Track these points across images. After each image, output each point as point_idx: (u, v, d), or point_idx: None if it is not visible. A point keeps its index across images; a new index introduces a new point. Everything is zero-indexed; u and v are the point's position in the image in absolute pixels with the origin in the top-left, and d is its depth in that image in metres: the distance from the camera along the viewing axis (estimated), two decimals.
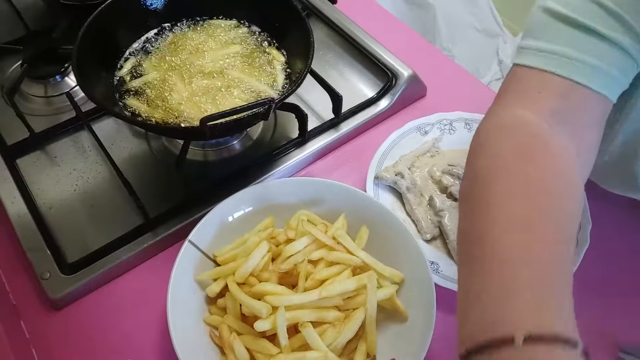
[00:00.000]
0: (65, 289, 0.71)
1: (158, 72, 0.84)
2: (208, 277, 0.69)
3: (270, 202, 0.76)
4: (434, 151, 0.89)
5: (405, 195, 0.82)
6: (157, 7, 0.90)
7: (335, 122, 0.91)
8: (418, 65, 0.99)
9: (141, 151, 0.88)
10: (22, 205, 0.78)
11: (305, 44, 0.80)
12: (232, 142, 0.89)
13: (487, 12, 2.16)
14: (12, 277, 0.75)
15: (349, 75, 1.01)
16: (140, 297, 0.74)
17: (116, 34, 0.86)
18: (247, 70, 0.86)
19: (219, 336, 0.64)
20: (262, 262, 0.67)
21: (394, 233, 0.72)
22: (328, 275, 0.67)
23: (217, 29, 0.91)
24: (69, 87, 0.96)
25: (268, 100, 0.69)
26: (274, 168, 0.85)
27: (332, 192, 0.76)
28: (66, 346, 0.70)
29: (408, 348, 0.64)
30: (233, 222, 0.74)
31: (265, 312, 0.61)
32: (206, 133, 0.68)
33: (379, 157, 0.86)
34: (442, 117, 0.92)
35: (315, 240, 0.69)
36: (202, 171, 0.87)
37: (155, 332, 0.70)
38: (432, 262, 0.75)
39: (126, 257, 0.74)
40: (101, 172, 0.85)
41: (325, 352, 0.61)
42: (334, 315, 0.64)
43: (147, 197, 0.78)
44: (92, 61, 0.79)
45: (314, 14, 1.09)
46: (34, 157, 0.86)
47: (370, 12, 1.17)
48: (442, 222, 0.79)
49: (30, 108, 0.92)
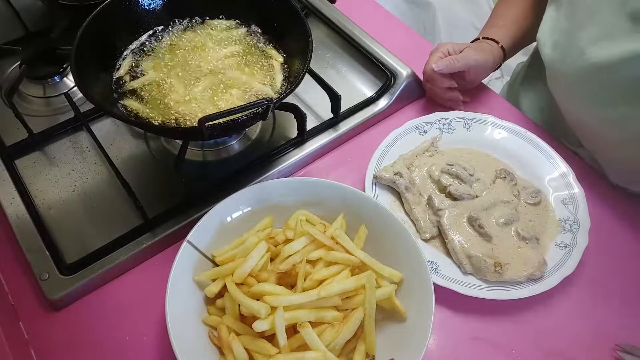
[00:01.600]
0: (64, 290, 0.71)
1: (157, 73, 0.84)
2: (207, 278, 0.69)
3: (268, 202, 0.76)
4: (432, 150, 0.89)
5: (404, 195, 0.82)
6: (156, 7, 0.90)
7: (334, 122, 0.91)
8: (417, 64, 0.99)
9: (140, 152, 0.88)
10: (21, 206, 0.78)
11: (303, 43, 0.80)
12: (230, 142, 0.89)
13: (487, 11, 2.15)
14: (11, 277, 0.75)
15: (348, 75, 1.01)
16: (139, 297, 0.73)
17: (115, 35, 0.86)
18: (246, 70, 0.86)
19: (218, 336, 0.64)
20: (261, 263, 0.67)
21: (392, 233, 0.72)
22: (327, 275, 0.66)
23: (215, 29, 0.91)
24: (68, 87, 0.96)
25: (266, 100, 0.69)
26: (272, 168, 0.85)
27: (331, 192, 0.76)
28: (65, 347, 0.70)
29: (407, 347, 0.64)
30: (232, 222, 0.74)
31: (264, 313, 0.61)
32: (204, 133, 0.68)
33: (377, 157, 0.86)
34: (441, 116, 0.92)
35: (314, 240, 0.69)
36: (201, 171, 0.87)
37: (154, 332, 0.70)
38: (431, 262, 0.75)
39: (125, 257, 0.74)
40: (100, 173, 0.85)
41: (324, 352, 0.61)
42: (333, 315, 0.64)
43: (146, 197, 0.78)
44: (90, 62, 0.79)
45: (313, 14, 1.09)
46: (33, 157, 0.86)
47: (370, 12, 1.17)
48: (441, 221, 0.78)
49: (28, 109, 0.92)
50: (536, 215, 0.81)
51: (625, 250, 0.81)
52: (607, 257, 0.80)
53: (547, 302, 0.75)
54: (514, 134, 0.90)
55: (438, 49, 0.94)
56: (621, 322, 0.74)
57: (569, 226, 0.80)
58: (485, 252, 0.75)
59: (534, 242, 0.78)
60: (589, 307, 0.76)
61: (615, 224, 0.83)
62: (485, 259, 0.74)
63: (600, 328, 0.74)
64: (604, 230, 0.81)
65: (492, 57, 0.94)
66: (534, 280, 0.73)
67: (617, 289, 0.77)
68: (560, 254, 0.76)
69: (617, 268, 0.79)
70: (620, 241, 0.82)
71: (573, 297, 0.76)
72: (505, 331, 0.73)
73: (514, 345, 0.72)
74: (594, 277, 0.78)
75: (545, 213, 0.82)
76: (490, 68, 0.95)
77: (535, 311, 0.74)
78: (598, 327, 0.74)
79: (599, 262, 0.79)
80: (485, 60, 0.92)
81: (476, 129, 0.91)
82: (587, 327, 0.74)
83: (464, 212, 0.79)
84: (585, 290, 0.77)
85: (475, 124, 0.92)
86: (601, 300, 0.76)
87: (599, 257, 0.80)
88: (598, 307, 0.76)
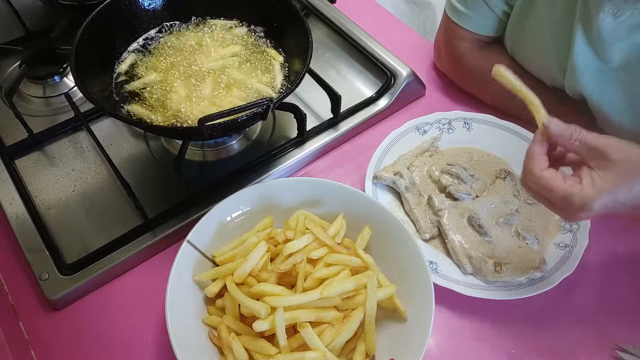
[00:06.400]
0: (64, 290, 0.71)
1: (157, 73, 0.84)
2: (207, 278, 0.69)
3: (268, 202, 0.76)
4: (432, 150, 0.89)
5: (404, 195, 0.82)
6: (156, 7, 0.90)
7: (334, 122, 0.91)
8: (417, 64, 0.99)
9: (140, 151, 0.88)
10: (21, 205, 0.78)
11: (303, 43, 0.80)
12: (230, 142, 0.89)
13: None
14: (11, 277, 0.75)
15: (348, 75, 1.01)
16: (139, 297, 0.73)
17: (115, 34, 0.86)
18: (246, 70, 0.86)
19: (218, 336, 0.64)
20: (261, 263, 0.67)
21: (392, 233, 0.72)
22: (327, 274, 0.66)
23: (215, 29, 0.91)
24: (68, 87, 0.96)
25: (266, 100, 0.69)
26: (272, 168, 0.85)
27: (331, 192, 0.76)
28: (65, 347, 0.70)
29: (407, 347, 0.64)
30: (232, 222, 0.74)
31: (264, 313, 0.61)
32: (204, 133, 0.68)
33: (377, 157, 0.85)
34: (441, 116, 0.92)
35: (316, 239, 0.69)
36: (201, 171, 0.87)
37: (154, 332, 0.70)
38: (431, 262, 0.75)
39: (125, 257, 0.74)
40: (100, 173, 0.85)
41: (324, 352, 0.61)
42: (333, 316, 0.64)
43: (146, 197, 0.78)
44: (90, 62, 0.79)
45: (313, 14, 1.08)
46: (33, 157, 0.86)
47: (370, 12, 1.17)
48: (441, 221, 0.78)
49: (28, 109, 0.92)
50: (536, 215, 0.81)
51: (625, 250, 0.81)
52: (607, 257, 0.80)
53: (547, 302, 0.75)
54: (514, 134, 0.90)
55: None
56: (621, 322, 0.74)
57: (569, 226, 0.80)
58: (485, 252, 0.75)
59: (534, 242, 0.78)
60: (589, 307, 0.76)
61: (615, 224, 0.83)
62: (485, 259, 0.74)
63: (600, 328, 0.74)
64: (604, 230, 0.81)
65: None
66: (534, 280, 0.73)
67: (617, 289, 0.77)
68: (560, 253, 0.76)
69: (617, 268, 0.79)
70: (620, 241, 0.82)
71: (573, 297, 0.76)
72: (505, 331, 0.73)
73: (514, 345, 0.72)
74: (594, 277, 0.78)
75: (545, 213, 0.81)
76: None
77: (535, 311, 0.74)
78: (598, 327, 0.74)
79: (599, 262, 0.79)
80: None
81: (476, 129, 0.91)
82: (587, 327, 0.74)
83: (464, 212, 0.79)
84: (585, 290, 0.77)
85: (475, 124, 0.91)
86: (601, 300, 0.76)
87: (599, 257, 0.80)
88: (598, 307, 0.76)
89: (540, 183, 0.62)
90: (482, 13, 0.90)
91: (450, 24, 0.94)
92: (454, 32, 0.94)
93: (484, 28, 0.91)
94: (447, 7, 0.94)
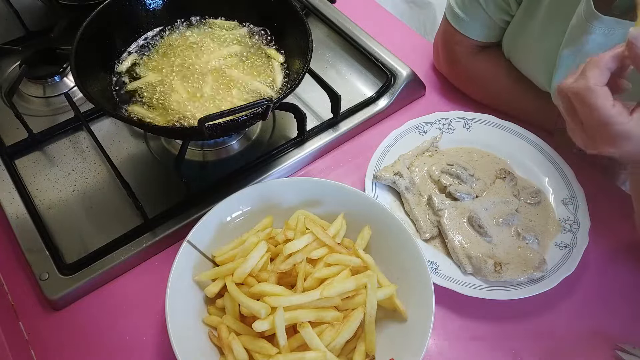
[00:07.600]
0: (64, 290, 0.71)
1: (157, 73, 0.84)
2: (207, 278, 0.69)
3: (268, 202, 0.76)
4: (432, 150, 0.89)
5: (404, 195, 0.82)
6: (156, 7, 0.90)
7: (334, 122, 0.91)
8: (417, 64, 0.99)
9: (140, 152, 0.88)
10: (21, 205, 0.78)
11: (303, 43, 0.80)
12: (230, 142, 0.89)
13: None
14: (11, 277, 0.75)
15: (348, 75, 1.01)
16: (139, 297, 0.73)
17: (115, 34, 0.86)
18: (246, 70, 0.86)
19: (218, 336, 0.64)
20: (261, 263, 0.67)
21: (392, 233, 0.72)
22: (327, 274, 0.66)
23: (216, 29, 0.91)
24: (68, 87, 0.96)
25: (266, 100, 0.69)
26: (272, 168, 0.85)
27: (331, 192, 0.76)
28: (65, 347, 0.69)
29: (407, 348, 0.64)
30: (232, 222, 0.74)
31: (264, 313, 0.61)
32: (204, 133, 0.68)
33: (377, 157, 0.85)
34: (441, 116, 0.92)
35: (316, 239, 0.69)
36: (201, 171, 0.87)
37: (154, 332, 0.70)
38: (431, 262, 0.75)
39: (125, 257, 0.74)
40: (100, 173, 0.85)
41: (324, 352, 0.61)
42: (333, 316, 0.64)
43: (146, 197, 0.78)
44: (90, 61, 0.79)
45: (313, 14, 1.08)
46: (33, 157, 0.86)
47: (370, 12, 1.17)
48: (441, 221, 0.78)
49: (28, 109, 0.92)
50: (536, 215, 0.81)
51: (625, 250, 0.81)
52: (607, 257, 0.80)
53: (547, 302, 0.75)
54: (514, 134, 0.90)
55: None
56: (621, 322, 0.74)
57: (569, 226, 0.80)
58: (485, 252, 0.75)
59: (534, 242, 0.78)
60: (588, 307, 0.76)
61: (615, 224, 0.83)
62: (485, 259, 0.74)
63: (600, 328, 0.74)
64: (604, 230, 0.81)
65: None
66: (534, 280, 0.73)
67: (616, 289, 0.77)
68: (560, 254, 0.76)
69: (617, 268, 0.79)
70: (620, 241, 0.82)
71: (573, 297, 0.76)
72: (505, 331, 0.73)
73: (514, 345, 0.72)
74: (593, 277, 0.78)
75: (545, 213, 0.82)
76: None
77: (535, 311, 0.74)
78: (598, 327, 0.74)
79: (599, 262, 0.79)
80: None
81: (476, 129, 0.91)
82: (587, 327, 0.74)
83: (464, 212, 0.79)
84: (585, 290, 0.77)
85: (475, 124, 0.92)
86: (601, 300, 0.76)
87: (599, 257, 0.80)
88: (598, 307, 0.76)
89: (585, 94, 0.51)
90: (480, 20, 0.90)
91: (449, 27, 0.94)
92: (452, 35, 0.94)
93: (482, 34, 0.92)
94: (448, 11, 0.94)
